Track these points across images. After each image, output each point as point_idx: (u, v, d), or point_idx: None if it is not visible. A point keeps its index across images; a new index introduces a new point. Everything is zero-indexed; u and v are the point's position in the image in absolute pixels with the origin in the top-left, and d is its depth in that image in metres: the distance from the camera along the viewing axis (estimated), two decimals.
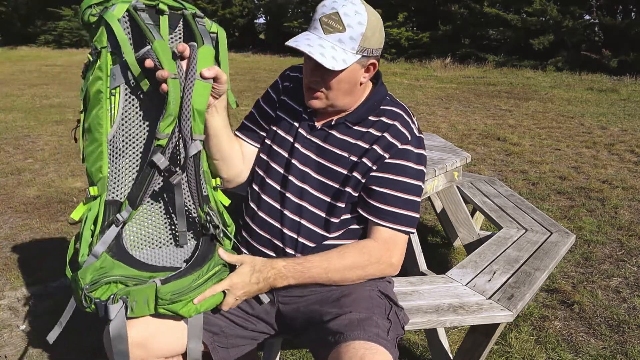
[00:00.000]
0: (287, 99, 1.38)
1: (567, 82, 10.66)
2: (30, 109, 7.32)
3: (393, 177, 1.27)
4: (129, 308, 1.06)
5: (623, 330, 2.23)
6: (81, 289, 1.04)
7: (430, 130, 6.17)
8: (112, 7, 1.06)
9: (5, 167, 4.61)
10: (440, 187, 2.33)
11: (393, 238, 1.29)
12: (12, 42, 21.44)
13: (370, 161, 1.27)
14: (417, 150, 1.30)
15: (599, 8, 12.60)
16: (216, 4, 19.54)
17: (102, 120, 1.09)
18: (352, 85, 1.25)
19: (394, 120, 1.30)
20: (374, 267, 1.28)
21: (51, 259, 2.86)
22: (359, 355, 1.06)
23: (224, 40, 1.19)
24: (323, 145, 1.31)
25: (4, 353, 2.06)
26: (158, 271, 1.13)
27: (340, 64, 1.16)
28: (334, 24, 1.16)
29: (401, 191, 1.27)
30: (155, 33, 1.06)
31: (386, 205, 1.27)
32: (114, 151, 1.12)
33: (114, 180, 1.12)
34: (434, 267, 2.39)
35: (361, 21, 1.17)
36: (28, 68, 13.09)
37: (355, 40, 1.17)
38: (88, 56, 1.07)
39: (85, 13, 1.07)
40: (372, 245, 1.28)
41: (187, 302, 1.13)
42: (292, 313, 1.34)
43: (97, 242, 1.07)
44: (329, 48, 1.16)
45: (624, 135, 5.96)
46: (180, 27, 1.15)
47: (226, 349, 1.31)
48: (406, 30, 15.52)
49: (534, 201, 3.82)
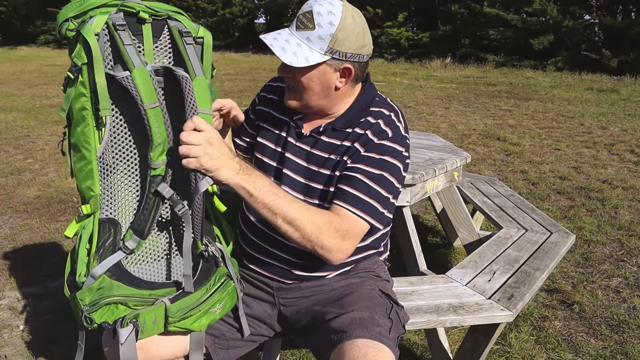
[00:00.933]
0: (272, 111, 1.37)
1: (567, 82, 10.66)
2: (30, 109, 7.32)
3: (362, 167, 1.22)
4: (139, 331, 1.05)
5: (623, 330, 2.23)
6: (81, 310, 1.03)
7: (430, 130, 6.17)
8: (90, 21, 1.01)
9: (5, 167, 4.61)
10: (440, 187, 2.33)
11: (350, 219, 1.19)
12: (12, 42, 21.45)
13: (348, 157, 1.25)
14: (393, 144, 1.24)
15: (599, 8, 12.59)
16: (216, 4, 19.53)
17: (90, 137, 1.06)
18: (325, 87, 1.22)
19: (378, 119, 1.27)
20: (328, 235, 1.15)
21: (51, 259, 2.86)
22: (363, 352, 1.06)
23: (209, 44, 1.16)
24: (311, 151, 1.29)
25: (4, 353, 2.06)
26: (157, 288, 1.12)
27: (302, 61, 1.15)
28: (306, 22, 1.16)
29: (369, 179, 1.21)
30: (134, 57, 1.02)
31: (351, 189, 1.21)
32: (105, 168, 1.09)
33: (107, 198, 1.10)
34: (434, 267, 2.39)
35: (332, 22, 1.14)
36: (28, 68, 13.09)
37: (323, 40, 1.15)
38: (68, 74, 1.03)
39: (63, 27, 1.02)
40: (335, 215, 1.19)
41: (198, 317, 1.12)
42: (294, 314, 1.34)
43: (94, 261, 1.06)
44: (294, 44, 1.16)
45: (624, 135, 5.96)
46: (165, 34, 1.12)
47: (226, 350, 1.31)
48: (406, 30, 15.51)
49: (534, 201, 3.82)
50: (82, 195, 1.10)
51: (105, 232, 1.08)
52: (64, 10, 1.03)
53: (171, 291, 1.13)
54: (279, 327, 1.38)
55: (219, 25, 19.80)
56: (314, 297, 1.33)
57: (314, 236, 1.14)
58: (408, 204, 2.13)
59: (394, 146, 1.25)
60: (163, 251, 1.17)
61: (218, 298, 1.16)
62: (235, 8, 19.50)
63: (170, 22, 1.11)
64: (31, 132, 5.95)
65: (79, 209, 1.10)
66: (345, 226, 1.18)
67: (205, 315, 1.14)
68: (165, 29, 1.11)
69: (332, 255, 1.17)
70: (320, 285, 1.34)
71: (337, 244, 1.17)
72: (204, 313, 1.13)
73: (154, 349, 1.16)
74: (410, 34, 15.40)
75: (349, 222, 1.19)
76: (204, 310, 1.13)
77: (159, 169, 1.07)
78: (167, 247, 1.18)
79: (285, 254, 1.31)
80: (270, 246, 1.32)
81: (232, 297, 1.23)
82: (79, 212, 1.09)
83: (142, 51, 1.09)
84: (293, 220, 1.12)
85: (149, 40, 1.09)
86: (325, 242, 1.15)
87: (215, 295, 1.16)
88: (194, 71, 1.08)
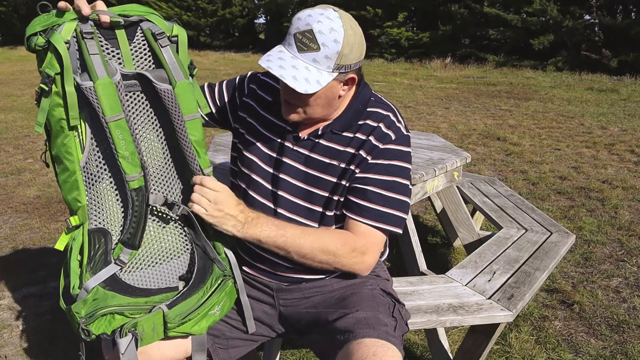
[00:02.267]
0: (263, 112, 1.34)
1: (567, 82, 10.66)
2: (30, 109, 7.31)
3: (373, 176, 1.23)
4: (139, 339, 1.04)
5: (623, 330, 2.23)
6: (77, 322, 1.02)
7: (430, 130, 6.17)
8: (59, 29, 0.99)
9: (5, 167, 4.61)
10: (440, 187, 2.33)
11: (370, 234, 1.23)
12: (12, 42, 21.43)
13: (355, 165, 1.24)
14: (399, 147, 1.25)
15: (599, 8, 12.60)
16: (216, 4, 19.53)
17: (71, 148, 1.04)
18: (331, 99, 1.21)
19: (378, 122, 1.26)
20: (346, 257, 1.21)
21: (51, 259, 2.86)
22: (372, 352, 1.06)
23: (184, 42, 1.14)
24: (310, 155, 1.27)
25: (4, 353, 2.06)
26: (153, 294, 1.11)
27: (314, 86, 1.11)
28: (308, 42, 1.10)
29: (383, 189, 1.22)
30: (98, 68, 1.00)
31: (365, 202, 1.22)
32: (90, 177, 1.07)
33: (94, 207, 1.09)
34: (434, 267, 2.39)
35: (337, 39, 1.10)
36: (28, 68, 13.08)
37: (330, 59, 1.11)
38: (42, 86, 1.00)
39: (32, 41, 0.99)
40: (349, 235, 1.23)
41: (197, 320, 1.11)
42: (294, 315, 1.34)
43: (86, 272, 1.05)
44: (302, 69, 1.11)
45: (624, 135, 5.96)
46: (139, 36, 1.10)
47: (226, 350, 1.31)
48: (406, 30, 15.52)
49: (534, 201, 3.82)
50: (69, 206, 1.09)
51: (95, 243, 1.07)
52: (32, 24, 1.01)
53: (167, 297, 1.12)
54: (280, 328, 1.38)
55: (219, 25, 19.81)
56: (314, 297, 1.33)
57: (331, 261, 1.22)
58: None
59: (400, 148, 1.25)
60: (156, 257, 1.16)
61: (216, 299, 1.16)
62: (235, 8, 19.51)
63: (143, 25, 1.09)
64: (31, 132, 5.95)
65: (67, 220, 1.08)
66: (362, 242, 1.23)
67: (205, 317, 1.13)
68: (138, 31, 1.10)
69: (357, 271, 1.27)
70: (320, 286, 1.33)
71: (357, 261, 1.24)
72: (203, 316, 1.12)
73: (154, 353, 1.15)
74: (410, 34, 15.41)
75: (367, 237, 1.24)
76: (203, 313, 1.12)
77: (136, 180, 1.06)
78: (159, 252, 1.17)
79: (283, 261, 1.30)
80: (267, 253, 1.30)
81: (230, 297, 1.22)
82: (68, 223, 1.08)
83: (119, 56, 1.07)
84: (305, 255, 1.20)
85: (125, 45, 1.08)
86: (344, 262, 1.23)
87: (213, 296, 1.15)
88: (174, 77, 1.08)
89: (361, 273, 1.28)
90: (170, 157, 1.17)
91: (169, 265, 1.18)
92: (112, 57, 1.07)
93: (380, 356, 1.05)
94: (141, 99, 1.11)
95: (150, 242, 1.16)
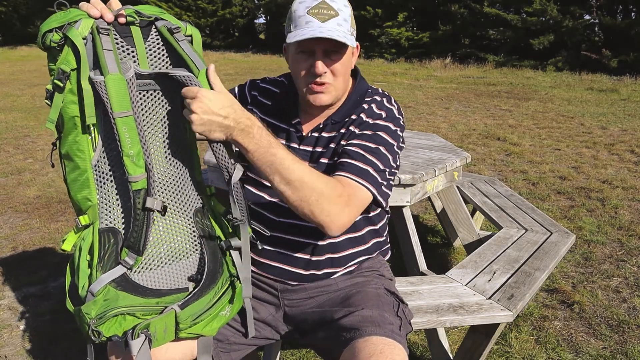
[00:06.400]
0: (266, 117, 1.35)
1: (567, 82, 10.66)
2: (30, 109, 7.32)
3: (358, 142, 1.23)
4: (152, 340, 1.02)
5: (623, 330, 2.23)
6: (87, 324, 0.99)
7: (430, 130, 6.16)
8: (76, 24, 0.98)
9: (5, 167, 4.61)
10: (440, 187, 2.33)
11: (354, 187, 1.18)
12: (12, 42, 21.43)
13: (345, 140, 1.27)
14: (387, 123, 1.26)
15: (599, 8, 12.60)
16: (216, 4, 19.53)
17: (83, 146, 1.02)
18: (349, 69, 1.27)
19: (371, 104, 1.30)
20: (329, 200, 1.11)
21: (51, 259, 2.86)
22: (379, 350, 1.06)
23: (199, 42, 1.13)
24: (314, 150, 1.30)
25: (4, 353, 2.06)
26: (163, 295, 1.10)
27: (351, 39, 1.18)
28: (327, 11, 1.16)
29: (365, 151, 1.21)
30: (110, 63, 0.98)
31: (350, 159, 1.21)
32: (101, 176, 1.06)
33: (105, 207, 1.07)
34: (434, 267, 2.39)
35: (345, 3, 1.20)
36: (28, 68, 13.09)
37: (348, 22, 1.19)
38: (56, 82, 0.98)
39: (47, 37, 0.98)
40: (338, 183, 1.16)
41: (208, 321, 1.10)
42: (299, 315, 1.34)
43: (96, 272, 1.03)
44: (335, 30, 1.15)
45: (624, 135, 5.96)
46: (154, 35, 1.09)
47: (228, 353, 1.31)
48: (406, 30, 15.52)
49: (534, 201, 3.82)
50: (77, 206, 1.07)
51: (106, 242, 1.05)
52: (48, 20, 1.00)
53: (178, 298, 1.11)
54: (284, 329, 1.38)
55: (219, 25, 19.81)
56: (320, 297, 1.34)
57: (313, 199, 1.09)
58: (408, 204, 2.13)
59: (388, 124, 1.26)
60: (166, 257, 1.15)
61: (227, 300, 1.15)
62: (235, 8, 19.52)
63: (158, 23, 1.09)
64: (31, 132, 5.95)
65: (76, 220, 1.06)
66: (348, 192, 1.15)
67: (216, 318, 1.12)
68: (153, 30, 1.09)
69: (332, 222, 1.12)
70: (325, 286, 1.34)
71: (338, 209, 1.12)
72: (214, 317, 1.11)
73: (162, 355, 1.15)
74: (410, 34, 15.41)
75: (352, 189, 1.17)
76: (214, 313, 1.11)
77: (139, 182, 1.04)
78: (169, 253, 1.15)
79: (289, 255, 1.31)
80: (274, 247, 1.32)
81: (239, 299, 1.21)
82: (77, 223, 1.06)
83: (134, 54, 1.06)
84: (291, 181, 1.07)
85: (140, 43, 1.06)
86: (324, 206, 1.10)
87: (224, 297, 1.14)
88: (196, 66, 1.05)
89: (330, 228, 1.13)
90: (180, 164, 1.15)
91: (179, 266, 1.16)
92: (127, 54, 1.05)
93: (387, 354, 1.05)
94: (156, 100, 1.09)
95: (160, 242, 1.14)
